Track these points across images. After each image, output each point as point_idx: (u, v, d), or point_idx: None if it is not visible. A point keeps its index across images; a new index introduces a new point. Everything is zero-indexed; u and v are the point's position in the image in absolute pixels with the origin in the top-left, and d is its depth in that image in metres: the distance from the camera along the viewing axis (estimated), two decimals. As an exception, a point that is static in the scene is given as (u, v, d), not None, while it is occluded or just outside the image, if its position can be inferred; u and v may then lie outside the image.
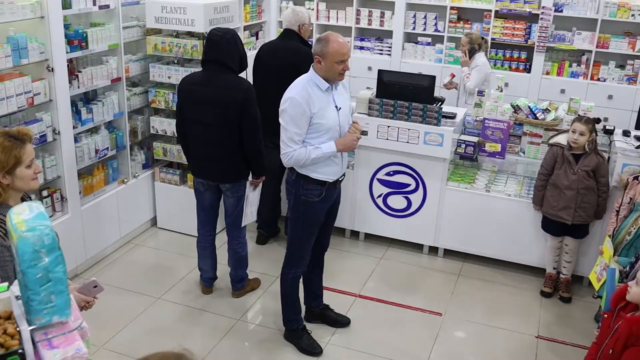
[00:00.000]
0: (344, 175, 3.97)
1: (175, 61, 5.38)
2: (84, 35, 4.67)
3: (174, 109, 5.30)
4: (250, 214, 4.57)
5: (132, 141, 5.42)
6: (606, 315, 3.12)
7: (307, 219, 3.89)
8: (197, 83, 4.26)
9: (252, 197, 4.52)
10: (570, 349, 4.28)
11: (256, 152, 4.30)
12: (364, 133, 4.81)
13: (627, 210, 4.22)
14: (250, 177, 4.45)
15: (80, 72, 4.71)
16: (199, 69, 5.15)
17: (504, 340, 4.38)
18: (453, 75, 6.38)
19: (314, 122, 3.65)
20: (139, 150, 5.55)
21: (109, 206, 5.14)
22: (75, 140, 4.72)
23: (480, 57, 6.20)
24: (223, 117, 4.16)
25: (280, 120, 3.69)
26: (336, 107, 3.73)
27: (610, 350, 2.82)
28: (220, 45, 4.16)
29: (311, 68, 3.72)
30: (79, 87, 4.70)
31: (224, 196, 4.49)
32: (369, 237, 5.66)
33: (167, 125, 5.37)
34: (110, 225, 5.20)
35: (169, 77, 5.27)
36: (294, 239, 4.00)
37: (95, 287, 2.46)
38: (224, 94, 4.14)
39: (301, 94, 3.61)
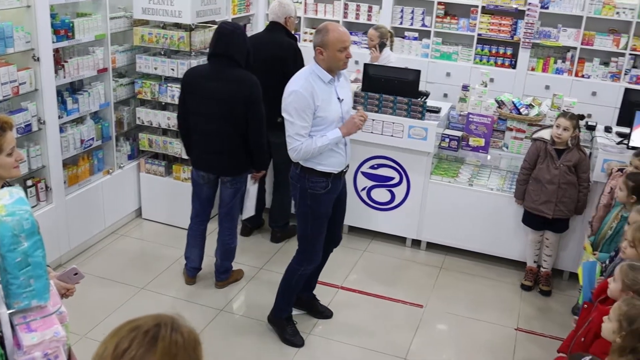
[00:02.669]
0: (347, 166, 3.96)
1: (162, 52, 5.38)
2: (71, 25, 4.66)
3: (160, 100, 5.32)
4: (250, 208, 4.61)
5: (118, 132, 5.43)
6: (586, 306, 3.22)
7: (316, 212, 3.85)
8: (203, 76, 4.26)
9: (253, 191, 4.56)
10: (548, 341, 4.34)
11: (260, 147, 4.34)
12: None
13: (606, 199, 4.31)
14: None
15: (66, 62, 4.70)
16: (185, 60, 5.19)
17: (484, 332, 4.44)
18: (359, 72, 6.11)
19: (318, 115, 3.62)
20: (124, 141, 5.55)
21: (93, 196, 5.14)
22: (61, 130, 4.72)
23: (390, 52, 6.16)
24: (228, 111, 4.17)
25: (284, 114, 3.64)
26: (338, 98, 3.73)
27: (582, 339, 2.90)
28: (231, 40, 4.17)
29: (312, 60, 3.68)
30: (65, 77, 4.69)
31: (222, 187, 4.49)
32: (352, 229, 5.70)
33: (152, 117, 5.38)
34: (95, 216, 5.21)
35: (156, 69, 5.28)
36: (304, 234, 3.94)
37: (76, 274, 2.47)
38: (231, 88, 4.15)
39: (305, 87, 3.57)
